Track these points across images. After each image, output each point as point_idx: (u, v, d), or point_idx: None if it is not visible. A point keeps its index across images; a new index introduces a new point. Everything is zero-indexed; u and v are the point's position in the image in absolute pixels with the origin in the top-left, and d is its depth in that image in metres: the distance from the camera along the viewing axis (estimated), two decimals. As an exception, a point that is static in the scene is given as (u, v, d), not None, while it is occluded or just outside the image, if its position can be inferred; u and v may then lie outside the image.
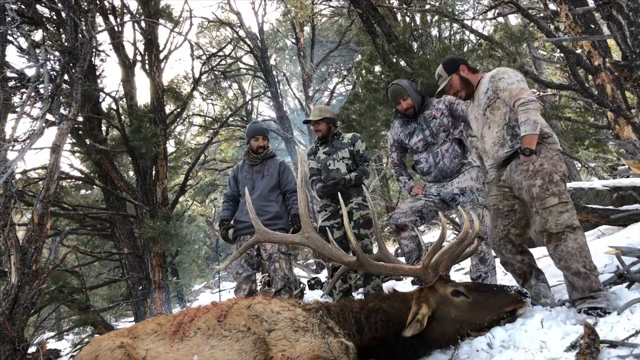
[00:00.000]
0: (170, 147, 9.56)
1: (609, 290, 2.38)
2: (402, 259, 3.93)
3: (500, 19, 8.53)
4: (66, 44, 4.82)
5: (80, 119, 6.83)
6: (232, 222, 4.04)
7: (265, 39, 12.91)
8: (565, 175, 2.58)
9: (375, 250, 3.76)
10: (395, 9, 7.63)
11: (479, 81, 2.91)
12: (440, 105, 3.53)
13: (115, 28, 7.78)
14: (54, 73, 4.46)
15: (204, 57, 11.58)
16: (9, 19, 4.30)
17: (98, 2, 6.36)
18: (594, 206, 4.63)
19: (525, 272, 2.77)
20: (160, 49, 8.27)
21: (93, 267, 8.92)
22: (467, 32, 5.55)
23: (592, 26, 4.49)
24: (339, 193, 2.96)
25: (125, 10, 8.31)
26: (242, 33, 12.82)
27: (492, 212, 2.92)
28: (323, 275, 8.82)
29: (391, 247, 10.99)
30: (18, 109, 4.25)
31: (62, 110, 4.60)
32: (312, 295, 6.55)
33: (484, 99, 2.82)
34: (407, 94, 3.49)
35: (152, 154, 7.35)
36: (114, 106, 7.65)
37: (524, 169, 2.55)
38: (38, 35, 6.63)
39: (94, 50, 7.22)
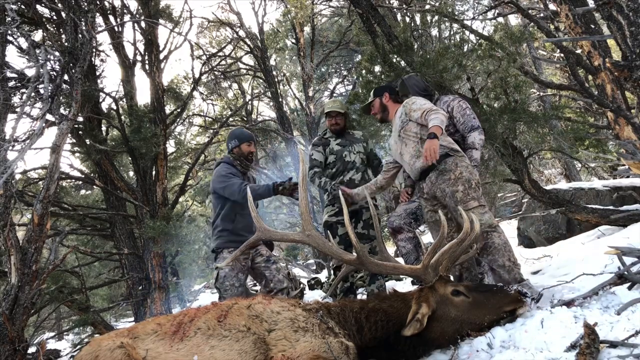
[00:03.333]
0: (170, 147, 9.57)
1: (609, 290, 2.38)
2: (401, 260, 3.94)
3: (500, 19, 8.52)
4: (66, 44, 4.81)
5: (80, 119, 6.82)
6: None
7: (265, 39, 12.87)
8: (479, 183, 2.99)
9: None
10: (395, 9, 7.63)
11: (396, 110, 3.32)
12: (442, 105, 3.59)
13: (115, 28, 7.78)
14: (54, 73, 4.45)
15: (204, 57, 11.58)
16: (9, 19, 4.30)
17: (98, 2, 6.36)
18: (594, 206, 4.63)
19: (460, 275, 3.09)
20: (160, 49, 8.26)
21: (93, 267, 8.91)
22: (467, 32, 5.55)
23: (592, 26, 4.48)
24: (340, 193, 2.96)
25: (125, 11, 8.30)
26: (242, 33, 12.79)
27: (429, 227, 3.23)
28: (323, 275, 8.82)
29: (390, 248, 10.99)
30: (18, 109, 4.24)
31: (62, 110, 4.59)
32: (312, 295, 6.55)
33: (398, 122, 3.21)
34: (407, 91, 3.67)
35: (152, 154, 7.34)
36: (114, 106, 7.64)
37: (447, 178, 2.92)
38: (38, 35, 6.64)
39: (94, 50, 7.22)
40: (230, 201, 3.65)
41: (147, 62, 8.09)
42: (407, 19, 7.36)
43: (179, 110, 8.89)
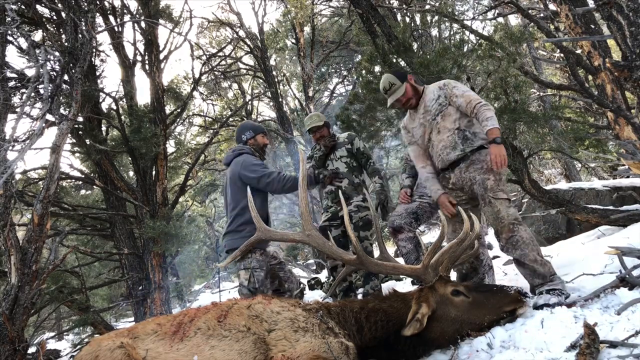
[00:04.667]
0: (170, 147, 9.57)
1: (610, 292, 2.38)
2: (401, 260, 3.95)
3: (500, 19, 8.52)
4: (66, 44, 4.81)
5: (80, 119, 6.82)
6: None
7: (265, 39, 12.87)
8: (505, 180, 2.97)
9: (376, 251, 3.78)
10: (395, 9, 7.63)
11: (422, 91, 3.14)
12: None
13: (115, 28, 7.78)
14: (54, 73, 4.45)
15: (204, 57, 11.59)
16: (9, 19, 4.30)
17: (98, 2, 6.36)
18: (594, 206, 4.63)
19: (466, 274, 3.07)
20: (160, 49, 8.27)
21: (93, 267, 8.91)
22: (467, 32, 5.55)
23: (592, 26, 4.49)
24: (340, 193, 2.96)
25: (125, 11, 8.31)
26: (242, 33, 12.80)
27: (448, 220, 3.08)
28: (323, 275, 8.81)
29: (390, 248, 10.99)
30: (18, 109, 4.24)
31: (62, 110, 4.59)
32: (312, 295, 6.55)
33: (434, 105, 3.02)
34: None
35: (152, 154, 7.34)
36: (114, 106, 7.64)
37: (478, 167, 2.86)
38: (38, 35, 6.64)
39: (94, 50, 7.22)
40: (260, 196, 3.38)
41: (147, 62, 8.09)
42: (407, 19, 7.36)
43: (179, 110, 8.89)
